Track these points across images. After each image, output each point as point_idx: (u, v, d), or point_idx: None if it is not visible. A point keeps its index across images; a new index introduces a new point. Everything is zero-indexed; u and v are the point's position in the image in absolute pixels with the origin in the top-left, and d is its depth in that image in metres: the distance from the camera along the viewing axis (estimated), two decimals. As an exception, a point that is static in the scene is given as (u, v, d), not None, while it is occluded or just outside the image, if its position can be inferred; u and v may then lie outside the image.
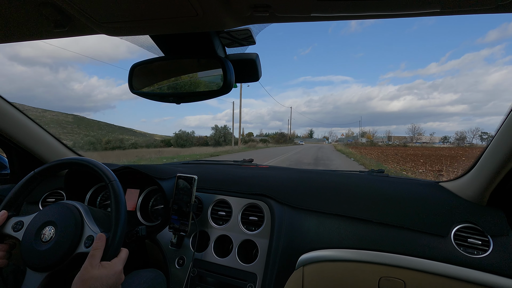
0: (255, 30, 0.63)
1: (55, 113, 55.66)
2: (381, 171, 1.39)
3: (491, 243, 0.83)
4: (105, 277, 0.66)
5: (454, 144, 73.67)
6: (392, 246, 0.91)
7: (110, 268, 0.68)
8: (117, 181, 0.80)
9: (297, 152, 23.16)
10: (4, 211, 0.79)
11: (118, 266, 0.70)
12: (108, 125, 71.70)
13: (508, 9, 0.42)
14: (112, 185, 0.79)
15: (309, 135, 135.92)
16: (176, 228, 1.06)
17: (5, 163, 1.48)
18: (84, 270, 0.65)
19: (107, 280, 0.66)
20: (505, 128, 0.75)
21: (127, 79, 0.76)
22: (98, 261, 0.68)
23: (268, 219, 1.02)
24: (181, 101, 0.74)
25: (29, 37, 0.64)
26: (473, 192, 0.93)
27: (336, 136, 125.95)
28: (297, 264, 0.95)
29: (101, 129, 63.13)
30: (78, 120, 58.95)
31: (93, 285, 0.64)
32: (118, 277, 0.69)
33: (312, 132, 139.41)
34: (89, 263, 0.66)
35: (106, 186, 0.80)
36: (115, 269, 0.69)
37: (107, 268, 0.67)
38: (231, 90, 0.68)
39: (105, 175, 0.80)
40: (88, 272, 0.65)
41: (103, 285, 0.65)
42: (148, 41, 0.68)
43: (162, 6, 0.47)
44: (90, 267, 0.66)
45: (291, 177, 1.25)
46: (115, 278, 0.68)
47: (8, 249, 0.78)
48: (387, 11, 0.44)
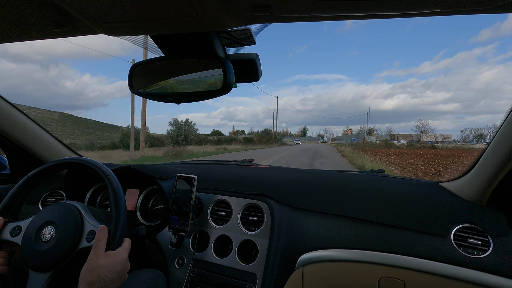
0: (255, 30, 0.63)
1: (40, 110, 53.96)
2: (381, 171, 1.39)
3: (491, 243, 0.83)
4: (111, 265, 0.67)
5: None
6: (392, 246, 0.91)
7: (115, 256, 0.69)
8: (113, 175, 0.81)
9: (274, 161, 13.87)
10: (0, 218, 0.79)
11: (123, 254, 0.71)
12: (96, 123, 69.38)
13: (508, 9, 0.42)
14: (108, 179, 0.79)
15: (302, 133, 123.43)
16: (176, 228, 1.06)
17: (5, 163, 1.48)
18: (90, 261, 0.67)
19: (114, 268, 0.67)
20: (505, 128, 0.75)
21: (127, 79, 0.76)
22: (103, 251, 0.69)
23: (268, 219, 1.02)
24: (181, 101, 0.74)
25: (29, 37, 0.64)
26: (473, 192, 0.93)
27: (333, 134, 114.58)
28: (297, 264, 0.95)
29: (88, 127, 61.05)
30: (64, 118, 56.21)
31: (101, 273, 0.65)
32: (125, 265, 0.71)
33: (306, 129, 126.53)
34: (94, 253, 0.68)
35: (102, 180, 0.80)
36: (120, 257, 0.70)
37: (113, 257, 0.69)
38: (231, 90, 0.68)
39: (100, 171, 0.81)
40: (95, 262, 0.66)
41: (110, 272, 0.66)
42: (148, 41, 0.68)
43: (162, 6, 0.47)
44: (96, 257, 0.67)
45: (291, 177, 1.25)
46: (121, 266, 0.69)
47: (7, 256, 0.78)
48: (387, 11, 0.44)
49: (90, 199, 1.25)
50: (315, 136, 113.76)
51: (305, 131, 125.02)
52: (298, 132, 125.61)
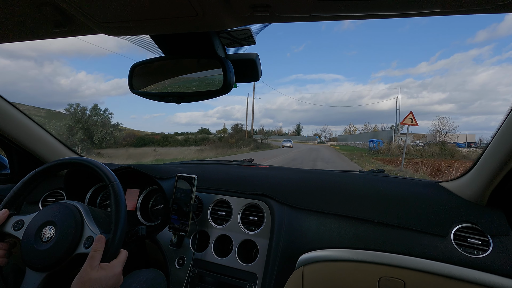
0: (255, 30, 0.63)
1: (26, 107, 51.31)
2: (381, 171, 1.39)
3: (491, 243, 0.83)
4: (104, 279, 0.66)
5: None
6: (392, 246, 0.91)
7: (109, 270, 0.68)
8: (118, 182, 0.80)
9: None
10: (5, 210, 0.79)
11: (117, 268, 0.70)
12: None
13: (508, 9, 0.42)
14: (112, 186, 0.79)
15: (295, 131, 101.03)
16: (176, 228, 1.06)
17: (5, 163, 1.48)
18: (83, 272, 0.66)
19: (106, 282, 0.66)
20: (505, 128, 0.76)
21: (127, 79, 0.76)
22: (98, 263, 0.68)
23: (268, 219, 1.02)
24: (181, 101, 0.74)
25: (29, 37, 0.64)
26: (473, 192, 0.93)
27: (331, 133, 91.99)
28: (297, 264, 0.96)
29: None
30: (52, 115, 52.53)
31: (92, 287, 0.64)
32: (117, 279, 0.70)
33: (300, 128, 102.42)
34: (89, 265, 0.66)
35: (106, 187, 0.80)
36: (114, 271, 0.69)
37: (106, 270, 0.68)
38: (231, 90, 0.68)
39: (106, 176, 0.81)
40: (88, 274, 0.65)
41: (102, 286, 0.65)
42: (148, 41, 0.68)
43: (162, 6, 0.47)
44: (90, 268, 0.66)
45: (291, 177, 1.25)
46: (114, 280, 0.68)
47: (8, 248, 0.78)
48: (387, 11, 0.44)
49: (90, 199, 1.25)
50: (311, 136, 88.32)
51: (300, 129, 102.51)
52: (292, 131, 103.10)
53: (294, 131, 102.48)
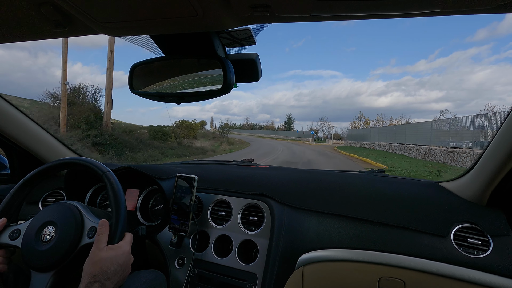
0: (255, 30, 0.63)
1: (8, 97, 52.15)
2: (381, 171, 1.39)
3: (491, 243, 0.83)
4: (114, 258, 0.68)
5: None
6: (392, 246, 0.91)
7: (118, 249, 0.70)
8: (111, 171, 0.81)
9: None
10: (3, 218, 0.78)
11: (125, 247, 0.72)
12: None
13: (508, 9, 0.42)
14: (106, 175, 0.80)
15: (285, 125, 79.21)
16: (176, 228, 1.06)
17: (5, 163, 1.48)
18: (92, 254, 0.67)
19: (117, 260, 0.68)
20: (505, 128, 0.76)
21: (127, 79, 0.76)
22: (105, 244, 0.69)
23: (268, 219, 1.02)
24: (181, 101, 0.74)
25: (29, 37, 0.64)
26: (473, 192, 0.93)
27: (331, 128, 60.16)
28: (297, 264, 0.95)
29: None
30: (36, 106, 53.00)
31: (104, 266, 0.65)
32: (128, 257, 0.71)
33: (292, 120, 79.26)
34: (96, 247, 0.68)
35: (100, 177, 0.80)
36: (122, 249, 0.71)
37: (115, 250, 0.69)
38: (231, 90, 0.69)
39: (97, 168, 0.81)
40: (97, 255, 0.67)
41: (113, 264, 0.66)
42: (148, 41, 0.68)
43: (162, 6, 0.47)
44: (98, 250, 0.67)
45: (291, 177, 1.25)
46: (124, 258, 0.70)
47: (7, 255, 0.78)
48: (387, 11, 0.44)
49: (90, 199, 1.25)
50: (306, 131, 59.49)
51: (290, 121, 78.90)
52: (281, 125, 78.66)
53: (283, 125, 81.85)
